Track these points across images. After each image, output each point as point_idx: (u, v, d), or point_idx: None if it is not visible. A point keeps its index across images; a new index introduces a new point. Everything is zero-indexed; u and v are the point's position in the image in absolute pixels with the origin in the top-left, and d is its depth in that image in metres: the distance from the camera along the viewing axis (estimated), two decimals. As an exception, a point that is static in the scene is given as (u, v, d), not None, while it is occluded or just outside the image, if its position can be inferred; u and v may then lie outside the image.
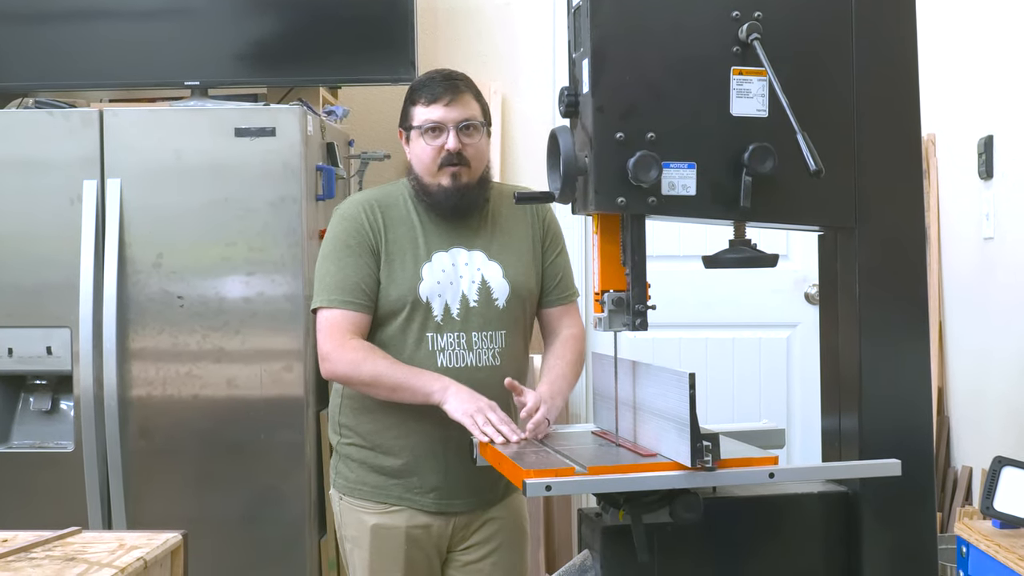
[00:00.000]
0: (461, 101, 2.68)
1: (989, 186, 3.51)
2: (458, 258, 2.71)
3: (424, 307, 2.66)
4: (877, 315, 2.22)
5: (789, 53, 2.12)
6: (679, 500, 2.09)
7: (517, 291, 2.74)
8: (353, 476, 2.75)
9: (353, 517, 2.75)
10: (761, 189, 2.09)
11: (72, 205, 3.42)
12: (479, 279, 2.71)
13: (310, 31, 3.81)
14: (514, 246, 2.77)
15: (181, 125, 3.46)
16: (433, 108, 2.67)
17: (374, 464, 2.72)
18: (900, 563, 2.23)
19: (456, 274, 2.69)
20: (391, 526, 2.70)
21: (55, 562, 1.84)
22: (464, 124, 2.67)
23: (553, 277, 2.82)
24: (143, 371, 3.44)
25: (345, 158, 3.93)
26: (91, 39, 3.79)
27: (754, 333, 4.34)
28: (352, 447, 2.75)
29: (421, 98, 2.69)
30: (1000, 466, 2.35)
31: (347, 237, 2.69)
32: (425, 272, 2.68)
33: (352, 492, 2.75)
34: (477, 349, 2.68)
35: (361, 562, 2.74)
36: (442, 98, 2.66)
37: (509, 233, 2.78)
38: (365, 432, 2.72)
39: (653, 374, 2.22)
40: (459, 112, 2.67)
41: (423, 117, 2.68)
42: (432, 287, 2.67)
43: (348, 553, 2.79)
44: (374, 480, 2.72)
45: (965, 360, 3.77)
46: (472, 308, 2.69)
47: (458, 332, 2.67)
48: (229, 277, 3.43)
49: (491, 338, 2.70)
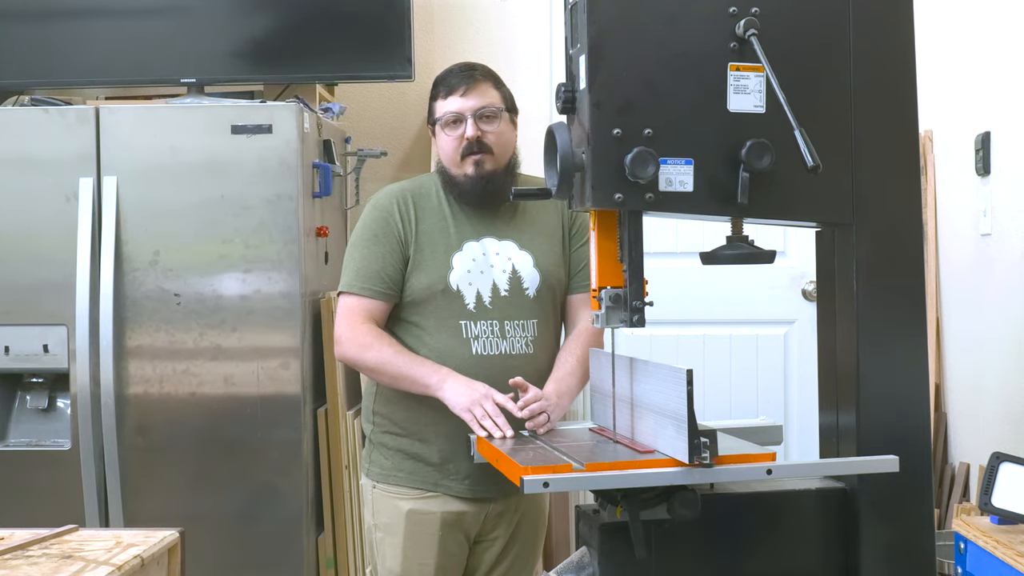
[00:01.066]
0: (477, 89, 2.72)
1: (986, 182, 3.50)
2: (489, 247, 2.74)
3: (455, 295, 2.69)
4: (874, 311, 2.22)
5: (786, 49, 2.12)
6: (677, 497, 2.09)
7: (547, 280, 2.76)
8: (389, 463, 2.77)
9: (387, 504, 2.77)
10: (758, 185, 2.09)
11: (68, 203, 3.42)
12: (510, 268, 2.74)
13: (306, 28, 3.81)
14: (544, 236, 2.79)
15: (177, 122, 3.46)
16: (451, 100, 2.72)
17: (410, 451, 2.74)
18: (898, 559, 2.22)
19: (487, 263, 2.72)
20: (426, 511, 2.72)
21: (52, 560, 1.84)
22: (481, 112, 2.70)
23: (578, 264, 2.84)
24: (140, 369, 3.44)
25: (342, 155, 3.92)
26: (87, 36, 3.79)
27: (751, 330, 4.33)
28: (388, 435, 2.77)
29: (440, 92, 2.75)
30: (998, 462, 2.35)
31: (376, 226, 2.74)
32: (455, 261, 2.71)
33: (387, 479, 2.77)
34: (510, 337, 2.70)
35: (393, 549, 2.75)
36: (458, 88, 2.71)
37: (539, 223, 2.80)
38: (400, 420, 2.75)
39: (651, 371, 2.22)
40: (475, 100, 2.71)
41: (443, 110, 2.73)
42: (462, 276, 2.70)
43: (379, 543, 2.79)
44: (410, 467, 2.74)
45: (962, 356, 3.77)
46: (504, 297, 2.71)
47: (491, 320, 2.69)
48: (226, 274, 3.43)
49: (523, 327, 2.72)
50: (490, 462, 2.42)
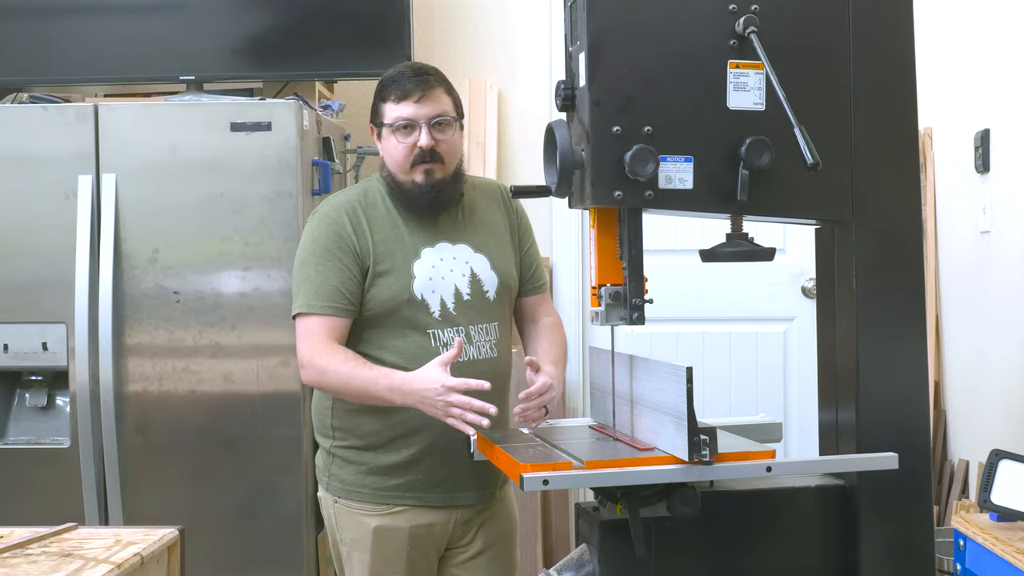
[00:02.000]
0: (432, 96, 2.62)
1: (986, 180, 3.50)
2: (445, 253, 2.68)
3: (420, 304, 2.63)
4: (874, 309, 2.22)
5: (786, 46, 2.12)
6: (677, 494, 2.09)
7: (505, 282, 2.73)
8: (351, 479, 2.69)
9: (352, 520, 2.70)
10: (758, 183, 2.09)
11: (67, 200, 3.41)
12: (469, 272, 2.68)
13: (306, 25, 3.80)
14: (495, 237, 2.75)
15: (176, 120, 3.46)
16: (404, 105, 2.61)
17: (374, 465, 2.67)
18: (897, 556, 2.23)
19: (447, 268, 2.67)
20: (394, 527, 2.66)
21: (51, 558, 1.84)
22: (436, 120, 2.62)
23: (529, 266, 2.81)
24: (139, 367, 3.43)
25: (341, 152, 3.92)
26: (86, 33, 3.78)
27: (751, 327, 4.33)
28: (350, 450, 2.69)
29: (391, 95, 2.63)
30: (997, 459, 2.35)
31: (327, 241, 2.63)
32: (416, 269, 2.64)
33: (350, 495, 2.70)
34: (476, 342, 2.66)
35: (361, 564, 2.69)
36: (413, 94, 2.60)
37: (489, 225, 2.76)
38: (365, 433, 2.67)
39: (650, 368, 2.22)
40: (431, 108, 2.61)
41: (394, 114, 2.62)
42: (425, 284, 2.64)
43: (346, 556, 2.74)
44: (374, 482, 2.67)
45: (961, 354, 3.77)
46: (466, 301, 2.66)
47: (457, 327, 2.64)
48: (225, 272, 3.43)
49: (487, 330, 2.68)
50: (490, 459, 2.42)
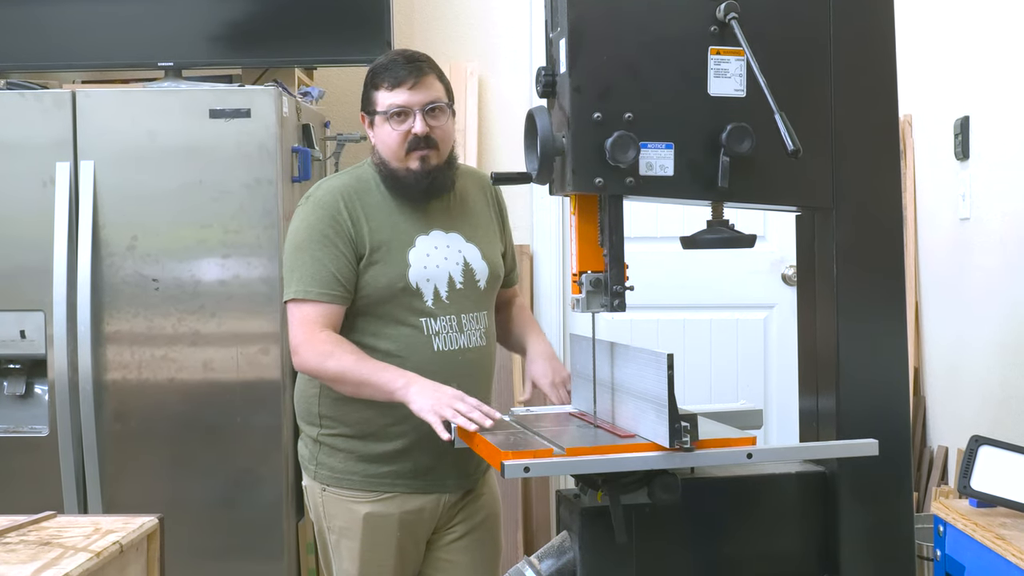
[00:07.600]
0: (425, 83, 2.62)
1: (965, 167, 3.52)
2: (439, 241, 2.68)
3: (414, 292, 2.63)
4: (854, 296, 2.23)
5: (767, 33, 2.12)
6: (657, 481, 2.09)
7: (494, 271, 2.74)
8: (341, 467, 2.69)
9: (342, 507, 2.70)
10: (739, 169, 2.10)
11: (45, 187, 3.39)
12: (462, 261, 2.69)
13: (285, 12, 3.78)
14: (483, 227, 2.77)
15: (155, 106, 3.44)
16: (397, 92, 2.60)
17: (363, 453, 2.67)
18: (877, 542, 2.24)
19: (441, 257, 2.67)
20: (385, 514, 2.67)
21: (30, 547, 1.83)
22: (430, 107, 2.61)
23: (511, 258, 2.85)
24: (118, 355, 3.42)
25: (321, 139, 3.90)
26: (64, 19, 3.75)
27: (731, 314, 4.34)
28: (338, 438, 2.69)
29: (384, 82, 2.62)
30: (977, 445, 2.36)
31: (323, 227, 2.61)
32: (411, 258, 2.64)
33: (339, 483, 2.69)
34: (468, 331, 2.67)
35: (350, 552, 2.69)
36: (406, 81, 2.60)
37: (478, 215, 2.77)
38: (353, 421, 2.67)
39: (631, 355, 2.22)
40: (424, 95, 2.61)
41: (388, 102, 2.61)
42: (420, 272, 2.63)
43: (334, 544, 2.73)
44: (364, 469, 2.67)
45: (941, 340, 3.79)
46: (459, 291, 2.67)
47: (450, 316, 2.65)
48: (204, 260, 3.41)
49: (477, 319, 2.69)
50: (470, 447, 2.42)
